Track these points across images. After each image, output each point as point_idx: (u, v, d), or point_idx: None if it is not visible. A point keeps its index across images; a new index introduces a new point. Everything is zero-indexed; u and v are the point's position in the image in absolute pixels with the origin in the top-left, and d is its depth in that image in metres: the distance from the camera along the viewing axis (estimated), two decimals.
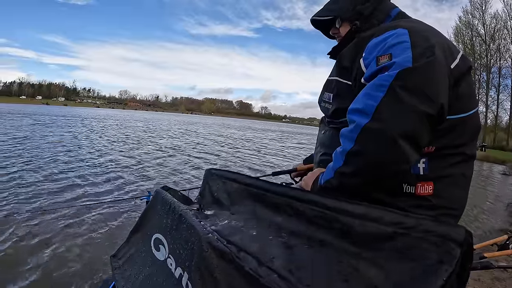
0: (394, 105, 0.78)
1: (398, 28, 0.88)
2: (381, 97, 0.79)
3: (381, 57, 0.86)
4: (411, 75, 0.79)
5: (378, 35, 0.92)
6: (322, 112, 1.18)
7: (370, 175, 0.82)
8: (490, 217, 6.53)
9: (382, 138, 0.77)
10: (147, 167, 8.51)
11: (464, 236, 0.60)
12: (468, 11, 42.69)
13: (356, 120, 0.83)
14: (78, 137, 14.54)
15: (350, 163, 0.83)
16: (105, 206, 4.72)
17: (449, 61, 0.85)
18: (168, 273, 0.95)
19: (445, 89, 0.81)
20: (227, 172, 1.19)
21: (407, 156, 0.78)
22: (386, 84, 0.80)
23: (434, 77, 0.80)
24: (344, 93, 1.04)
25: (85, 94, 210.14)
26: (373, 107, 0.80)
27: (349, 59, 1.03)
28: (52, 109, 65.71)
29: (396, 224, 0.67)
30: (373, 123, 0.79)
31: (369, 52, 0.91)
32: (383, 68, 0.84)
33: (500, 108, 41.35)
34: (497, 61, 40.96)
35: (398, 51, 0.83)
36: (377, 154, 0.79)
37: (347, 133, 0.85)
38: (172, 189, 1.34)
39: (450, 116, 0.85)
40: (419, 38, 0.84)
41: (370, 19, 1.09)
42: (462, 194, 0.97)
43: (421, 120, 0.78)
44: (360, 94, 0.87)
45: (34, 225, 3.86)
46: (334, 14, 1.15)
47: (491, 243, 2.48)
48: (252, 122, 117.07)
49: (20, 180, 5.87)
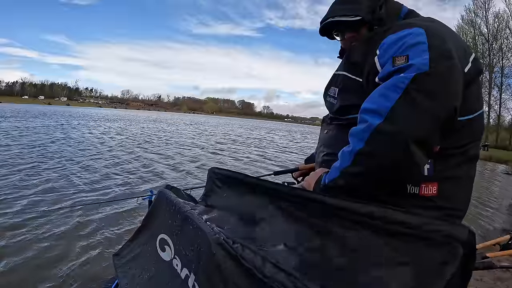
0: (409, 108, 0.77)
1: (414, 27, 0.87)
2: (396, 99, 0.78)
3: (397, 58, 0.84)
4: (427, 79, 0.78)
5: (393, 31, 0.91)
6: (326, 108, 1.17)
7: (378, 177, 0.81)
8: (493, 217, 6.50)
9: (395, 141, 0.77)
10: (188, 168, 8.80)
11: (467, 236, 0.61)
12: (471, 10, 42.61)
13: (368, 120, 0.82)
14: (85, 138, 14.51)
15: (359, 163, 0.82)
16: (107, 205, 4.72)
17: (463, 64, 0.84)
18: (173, 274, 0.96)
19: (459, 93, 0.81)
20: (230, 171, 1.19)
21: (418, 160, 0.77)
22: (402, 86, 0.79)
23: (450, 82, 0.79)
24: (350, 88, 1.03)
25: (87, 94, 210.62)
26: (387, 108, 0.79)
27: (360, 54, 1.01)
28: (57, 108, 65.84)
29: (400, 224, 0.68)
30: (386, 125, 0.78)
31: (385, 50, 0.90)
32: (399, 69, 0.82)
33: (502, 107, 41.17)
34: (499, 60, 40.80)
35: (415, 53, 0.82)
36: (388, 157, 0.78)
37: (358, 133, 0.83)
38: (175, 188, 1.34)
39: (458, 118, 0.85)
40: (437, 40, 0.83)
41: (385, 23, 1.06)
42: (466, 195, 0.97)
43: (435, 125, 0.77)
44: (374, 93, 0.85)
45: (34, 224, 3.88)
46: (361, 15, 1.06)
47: (494, 243, 2.48)
48: (260, 122, 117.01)
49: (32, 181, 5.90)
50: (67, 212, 4.34)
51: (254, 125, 63.76)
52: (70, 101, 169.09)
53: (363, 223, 0.72)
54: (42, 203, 4.73)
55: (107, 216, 4.35)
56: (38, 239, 3.51)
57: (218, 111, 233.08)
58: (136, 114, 72.81)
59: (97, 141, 13.20)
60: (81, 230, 3.85)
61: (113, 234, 3.84)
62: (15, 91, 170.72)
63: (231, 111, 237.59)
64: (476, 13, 41.84)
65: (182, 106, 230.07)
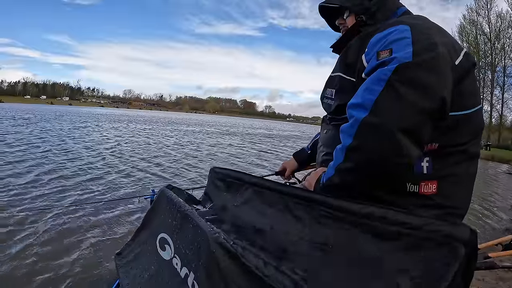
0: (393, 99, 0.77)
1: (400, 25, 0.88)
2: (380, 91, 0.79)
3: (381, 52, 0.85)
4: (410, 69, 0.78)
5: (381, 31, 0.92)
6: (324, 109, 1.17)
7: (371, 170, 0.81)
8: (495, 216, 6.48)
9: (381, 132, 0.76)
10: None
11: (469, 236, 0.60)
12: (473, 9, 42.48)
13: (355, 115, 0.82)
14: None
15: (350, 159, 0.82)
16: (108, 204, 4.73)
17: (453, 57, 0.84)
18: (173, 272, 0.96)
19: (447, 84, 0.80)
20: (232, 171, 1.19)
21: (407, 150, 0.76)
22: (384, 78, 0.79)
23: (435, 71, 0.79)
24: (346, 89, 1.02)
25: (89, 93, 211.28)
26: (372, 101, 0.79)
27: (354, 55, 1.02)
28: (66, 108, 66.15)
29: (401, 224, 0.67)
30: (372, 117, 0.78)
31: (371, 47, 0.91)
32: (383, 62, 0.83)
33: (504, 107, 41.00)
34: (502, 60, 40.68)
35: (399, 47, 0.82)
36: (376, 149, 0.77)
37: (346, 129, 0.84)
38: (176, 188, 1.34)
39: (452, 113, 0.84)
40: (421, 35, 0.83)
41: (375, 15, 1.09)
42: (466, 193, 0.96)
43: (420, 114, 0.77)
44: (360, 88, 0.86)
45: (35, 223, 3.89)
46: (344, 4, 1.14)
47: (496, 243, 2.46)
48: (273, 122, 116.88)
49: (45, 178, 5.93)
50: (68, 211, 4.35)
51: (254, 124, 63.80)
52: (72, 101, 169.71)
53: (364, 225, 0.72)
54: (43, 202, 4.74)
55: (109, 216, 4.36)
56: (39, 238, 3.52)
57: (219, 110, 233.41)
58: (144, 114, 72.86)
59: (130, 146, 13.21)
60: (83, 229, 3.86)
61: (115, 233, 3.84)
62: (17, 91, 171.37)
63: (233, 111, 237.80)
64: (479, 12, 41.75)
65: (183, 105, 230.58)
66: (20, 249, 3.24)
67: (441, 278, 0.58)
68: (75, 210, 4.41)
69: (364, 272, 0.68)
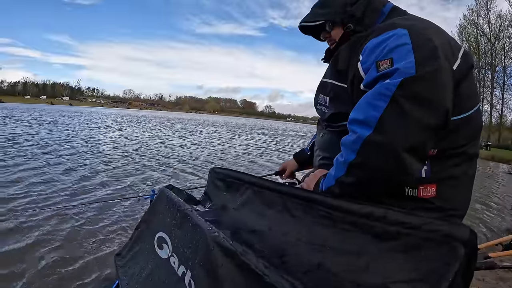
0: (398, 117, 0.75)
1: (397, 28, 0.84)
2: (384, 108, 0.76)
3: (381, 62, 0.81)
4: (415, 84, 0.75)
5: (376, 35, 0.88)
6: (318, 114, 1.16)
7: (373, 186, 0.81)
8: (495, 216, 6.47)
9: (386, 152, 0.75)
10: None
11: (469, 236, 0.60)
12: (474, 9, 42.47)
13: (358, 131, 0.80)
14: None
15: (352, 174, 0.82)
16: (111, 204, 4.73)
17: (451, 62, 0.82)
18: (170, 271, 0.96)
19: (450, 94, 0.79)
20: (231, 171, 1.19)
21: (411, 168, 0.76)
22: (388, 94, 0.76)
23: (439, 84, 0.77)
24: (340, 96, 1.00)
25: (89, 93, 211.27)
26: (376, 119, 0.77)
27: (344, 61, 0.99)
28: (64, 108, 66.15)
29: (400, 224, 0.67)
30: (376, 136, 0.76)
31: (368, 55, 0.87)
32: (384, 74, 0.80)
33: (504, 107, 40.97)
34: (502, 60, 40.67)
35: (400, 56, 0.79)
36: (380, 167, 0.77)
37: (349, 144, 0.82)
38: (176, 188, 1.35)
39: (452, 118, 0.82)
40: (421, 39, 0.81)
41: (363, 20, 1.04)
42: (466, 194, 0.95)
43: (426, 131, 0.76)
44: (361, 102, 0.83)
45: (35, 223, 3.88)
46: (324, 19, 1.09)
47: (496, 243, 2.47)
48: (275, 122, 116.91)
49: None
50: (68, 211, 4.34)
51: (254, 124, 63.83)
52: (72, 101, 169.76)
53: (363, 225, 0.72)
54: (44, 201, 4.74)
55: (109, 216, 4.35)
56: (39, 239, 3.51)
57: (219, 110, 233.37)
58: (145, 114, 72.90)
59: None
60: (82, 230, 3.85)
61: (115, 233, 3.83)
62: (17, 90, 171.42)
63: (233, 111, 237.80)
64: (479, 13, 41.74)
65: (183, 105, 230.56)
66: (20, 249, 3.24)
67: (442, 278, 0.58)
68: (75, 210, 4.40)
69: (364, 272, 0.68)
